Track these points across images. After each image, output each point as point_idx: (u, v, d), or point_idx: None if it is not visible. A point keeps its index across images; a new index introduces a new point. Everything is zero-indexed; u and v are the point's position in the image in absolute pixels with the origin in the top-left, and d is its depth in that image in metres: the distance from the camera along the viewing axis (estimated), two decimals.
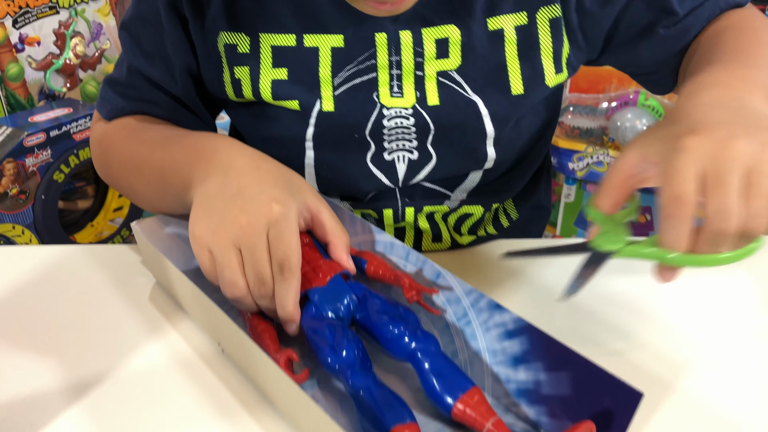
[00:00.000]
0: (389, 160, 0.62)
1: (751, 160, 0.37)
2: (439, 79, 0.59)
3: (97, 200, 1.74)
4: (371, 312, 0.48)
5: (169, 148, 0.58)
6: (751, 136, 0.38)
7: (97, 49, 1.75)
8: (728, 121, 0.40)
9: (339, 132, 0.61)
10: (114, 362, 0.51)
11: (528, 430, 0.45)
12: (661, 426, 0.45)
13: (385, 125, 0.60)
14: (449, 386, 0.44)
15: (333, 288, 0.50)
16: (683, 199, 0.38)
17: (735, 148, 0.38)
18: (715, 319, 0.55)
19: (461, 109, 0.60)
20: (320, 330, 0.47)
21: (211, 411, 0.46)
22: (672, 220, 0.38)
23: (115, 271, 0.62)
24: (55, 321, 0.55)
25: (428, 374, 0.45)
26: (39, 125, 1.46)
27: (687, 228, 0.38)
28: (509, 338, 0.46)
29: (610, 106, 1.60)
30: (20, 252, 0.67)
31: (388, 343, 0.47)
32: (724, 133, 0.38)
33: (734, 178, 0.37)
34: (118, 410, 0.46)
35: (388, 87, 0.59)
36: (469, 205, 0.68)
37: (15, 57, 1.57)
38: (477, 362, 0.48)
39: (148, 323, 0.55)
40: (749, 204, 0.37)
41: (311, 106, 0.60)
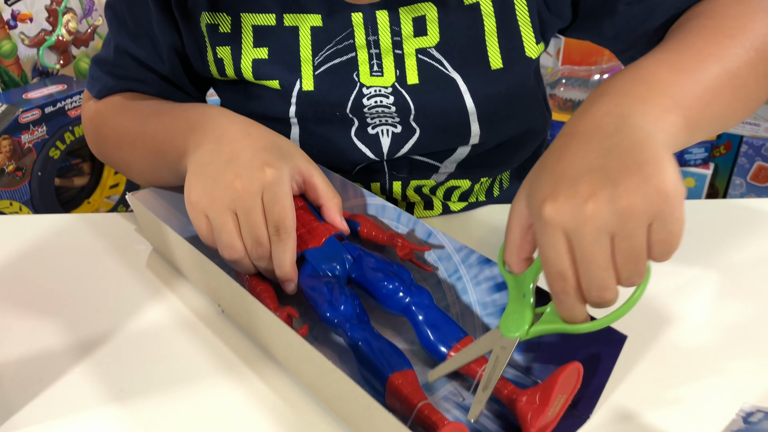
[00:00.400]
0: (373, 134, 0.63)
1: (612, 224, 0.36)
2: (418, 56, 0.59)
3: (93, 177, 1.75)
4: (366, 270, 0.50)
5: (161, 120, 0.60)
6: (615, 185, 0.36)
7: (89, 26, 1.74)
8: (594, 167, 0.38)
9: (320, 110, 0.62)
10: (117, 323, 0.52)
11: (518, 376, 0.47)
12: (646, 368, 0.47)
13: (365, 104, 0.61)
14: (443, 336, 0.46)
15: (329, 248, 0.51)
16: (564, 276, 0.38)
17: (595, 217, 0.36)
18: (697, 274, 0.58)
19: (440, 87, 0.60)
20: (318, 287, 0.48)
21: (214, 366, 0.48)
22: (562, 297, 0.39)
23: (112, 238, 0.63)
24: (58, 285, 0.57)
25: (423, 326, 0.47)
26: (34, 102, 1.46)
27: (578, 302, 0.38)
28: (499, 291, 0.48)
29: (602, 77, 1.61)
30: (22, 221, 0.68)
31: (384, 298, 0.49)
32: (584, 190, 0.37)
33: (600, 251, 0.36)
34: (123, 367, 0.48)
35: (367, 66, 0.60)
36: (457, 179, 0.68)
37: (8, 34, 1.56)
38: (468, 315, 0.50)
39: (148, 287, 0.57)
40: (623, 267, 0.37)
41: (291, 85, 0.61)
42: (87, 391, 0.46)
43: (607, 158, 0.38)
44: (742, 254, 0.60)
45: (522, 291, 0.43)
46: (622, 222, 0.36)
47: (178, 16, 0.62)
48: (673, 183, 0.36)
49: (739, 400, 0.43)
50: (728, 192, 1.78)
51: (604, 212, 0.36)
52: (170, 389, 0.46)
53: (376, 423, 0.38)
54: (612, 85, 0.44)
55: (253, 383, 0.47)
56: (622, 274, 0.37)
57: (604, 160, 0.38)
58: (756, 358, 0.48)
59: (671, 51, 0.48)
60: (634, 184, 0.36)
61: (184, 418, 0.44)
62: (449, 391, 0.46)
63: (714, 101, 0.46)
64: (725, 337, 0.50)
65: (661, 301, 0.54)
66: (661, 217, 0.36)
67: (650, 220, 0.36)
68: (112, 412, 0.44)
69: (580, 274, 0.37)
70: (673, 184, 0.36)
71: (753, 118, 1.68)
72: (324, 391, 0.43)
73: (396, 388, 0.41)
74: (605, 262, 0.36)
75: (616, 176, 0.36)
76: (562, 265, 0.37)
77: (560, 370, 0.40)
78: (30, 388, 0.46)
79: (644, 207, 0.35)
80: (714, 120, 0.47)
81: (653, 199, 0.35)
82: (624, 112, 0.41)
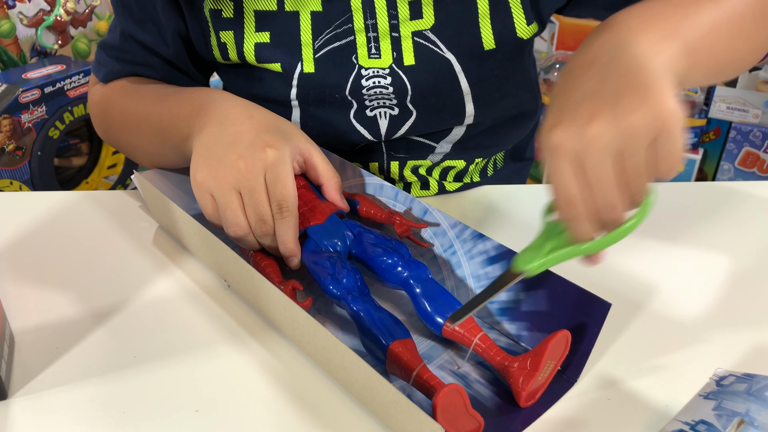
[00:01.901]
0: (371, 116, 0.65)
1: (616, 143, 0.37)
2: (414, 39, 0.62)
3: (92, 157, 1.76)
4: (366, 245, 0.53)
5: (166, 104, 0.62)
6: (614, 106, 0.37)
7: (87, 6, 1.74)
8: (592, 92, 0.39)
9: (321, 92, 0.64)
10: (127, 294, 0.55)
11: (510, 344, 0.50)
12: (631, 336, 0.50)
13: (363, 85, 0.63)
14: (439, 307, 0.49)
15: (330, 225, 0.54)
16: (574, 202, 0.39)
17: (598, 138, 0.37)
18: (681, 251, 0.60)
19: (436, 67, 0.62)
20: (321, 262, 0.51)
21: (221, 335, 0.51)
22: (573, 221, 0.40)
23: (117, 214, 0.66)
24: (69, 259, 0.59)
25: (420, 298, 0.49)
26: (33, 82, 1.47)
27: (588, 222, 0.39)
28: (491, 264, 0.51)
29: None
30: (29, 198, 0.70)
31: (383, 272, 0.51)
32: (585, 114, 0.38)
33: (606, 169, 0.37)
34: (134, 335, 0.51)
35: (366, 49, 0.62)
36: (452, 159, 0.71)
37: (6, 13, 1.57)
38: (462, 287, 0.53)
39: (155, 261, 0.59)
40: (629, 187, 0.38)
41: (293, 68, 0.63)
42: (101, 357, 0.49)
43: (605, 83, 0.39)
44: (727, 234, 0.63)
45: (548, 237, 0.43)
46: (626, 140, 0.37)
47: (182, 1, 0.64)
48: (668, 102, 0.37)
49: (714, 366, 0.46)
50: (717, 177, 1.81)
51: (607, 132, 0.37)
52: (180, 357, 0.49)
53: (376, 392, 0.41)
54: (608, 22, 0.45)
55: (257, 352, 0.49)
56: (628, 191, 0.38)
57: (602, 85, 0.39)
58: (732, 328, 0.51)
59: None
60: (632, 104, 0.37)
61: (193, 383, 0.47)
62: (445, 360, 0.48)
63: (712, 33, 0.47)
64: (705, 310, 0.53)
65: (646, 275, 0.57)
66: (661, 135, 0.37)
67: (651, 138, 0.37)
68: (125, 378, 0.47)
69: (589, 195, 0.38)
70: (669, 103, 0.37)
71: (742, 105, 1.70)
72: (328, 363, 0.46)
73: (396, 356, 0.44)
74: (612, 181, 0.38)
75: (615, 98, 0.37)
76: (571, 190, 0.38)
77: (549, 337, 0.43)
78: (47, 355, 0.49)
79: (645, 124, 0.36)
80: (715, 53, 0.48)
81: (652, 118, 0.37)
82: (619, 42, 0.42)
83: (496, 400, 0.45)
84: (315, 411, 0.44)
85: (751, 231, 0.63)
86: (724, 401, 0.40)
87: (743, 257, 0.60)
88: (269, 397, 0.45)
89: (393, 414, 0.40)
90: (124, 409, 0.44)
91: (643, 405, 0.45)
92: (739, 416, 0.38)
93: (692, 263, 0.59)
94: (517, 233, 0.63)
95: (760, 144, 1.72)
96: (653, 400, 0.45)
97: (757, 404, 0.39)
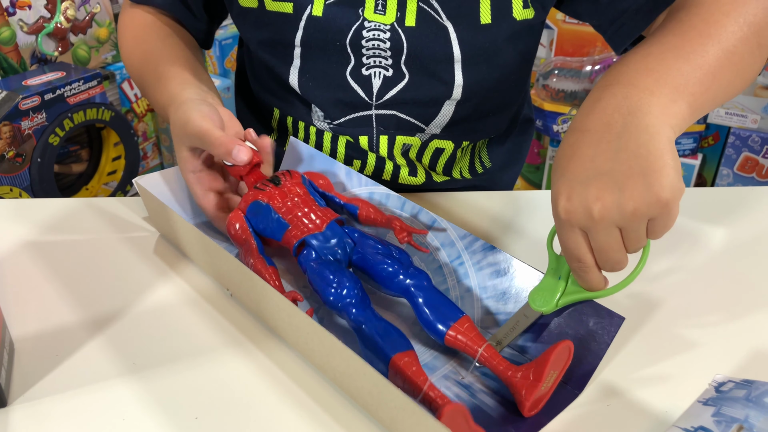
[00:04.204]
0: (366, 75, 0.68)
1: (619, 222, 0.42)
2: (419, 3, 0.65)
3: (92, 164, 1.77)
4: (367, 253, 0.53)
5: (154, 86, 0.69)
6: (620, 192, 0.42)
7: (87, 13, 1.75)
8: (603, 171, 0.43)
9: (324, 37, 0.67)
10: (127, 301, 0.55)
11: (515, 355, 0.50)
12: (630, 343, 0.50)
13: (364, 36, 0.66)
14: (441, 316, 0.48)
15: (329, 233, 0.54)
16: (584, 261, 0.45)
17: (604, 218, 0.42)
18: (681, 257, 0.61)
19: (433, 32, 0.65)
20: (321, 272, 0.51)
21: (219, 343, 0.51)
22: (584, 275, 0.46)
23: (117, 221, 0.66)
24: (68, 266, 0.59)
25: (422, 306, 0.49)
26: (33, 89, 1.48)
27: (597, 274, 0.46)
28: (499, 276, 0.51)
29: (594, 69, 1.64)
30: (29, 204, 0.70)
31: (384, 280, 0.51)
32: (593, 194, 0.43)
33: (611, 240, 0.43)
34: (133, 342, 0.51)
35: (373, 3, 0.65)
36: (440, 140, 0.74)
37: (6, 21, 1.57)
38: (468, 297, 0.53)
39: (155, 268, 0.59)
40: (631, 246, 0.44)
41: (303, 9, 0.66)
42: (101, 364, 0.49)
43: (615, 162, 0.43)
44: (725, 239, 0.63)
45: (559, 273, 0.48)
46: (627, 221, 0.42)
47: None
48: (671, 190, 0.41)
49: (713, 372, 0.46)
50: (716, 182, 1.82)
51: (612, 213, 0.42)
52: (179, 363, 0.49)
53: (382, 398, 0.40)
54: (621, 74, 0.48)
55: (257, 359, 0.49)
56: (631, 249, 0.45)
57: (612, 164, 0.43)
58: (731, 334, 0.52)
59: (675, 34, 0.51)
60: (637, 192, 0.41)
61: (192, 390, 0.47)
62: (449, 369, 0.48)
63: (715, 82, 0.50)
64: (703, 316, 0.54)
65: (645, 281, 0.57)
66: (660, 215, 0.42)
67: (651, 217, 0.42)
68: (124, 384, 0.47)
69: (597, 257, 0.45)
70: (672, 191, 0.41)
71: (741, 110, 1.71)
72: (333, 370, 0.45)
73: (399, 368, 0.44)
74: (617, 247, 0.44)
75: (623, 182, 0.42)
76: (579, 252, 0.44)
77: (552, 348, 0.43)
78: (47, 362, 0.49)
79: (645, 211, 0.42)
80: (715, 99, 0.52)
81: (653, 205, 0.41)
82: (632, 107, 0.45)
83: (500, 410, 0.45)
84: (318, 418, 0.44)
85: (750, 236, 0.64)
86: (723, 407, 0.40)
87: (742, 263, 0.60)
88: (270, 403, 0.46)
89: (399, 420, 0.40)
90: (123, 416, 0.44)
91: (642, 411, 0.45)
92: (738, 422, 0.38)
93: (691, 269, 0.59)
94: (523, 239, 0.63)
95: (758, 149, 1.72)
96: (652, 407, 0.45)
97: (756, 410, 0.39)
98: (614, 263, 0.44)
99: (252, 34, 0.71)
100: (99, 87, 1.63)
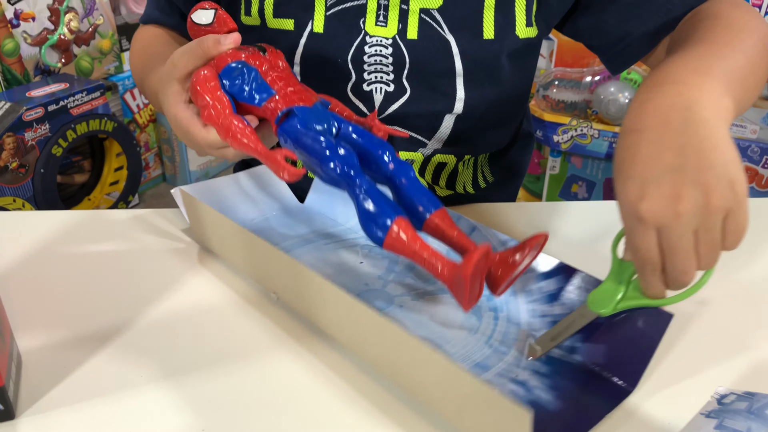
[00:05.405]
0: (367, 90, 0.69)
1: (697, 218, 0.42)
2: (420, 15, 0.65)
3: (94, 174, 1.77)
4: (353, 135, 0.51)
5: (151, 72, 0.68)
6: (695, 184, 0.41)
7: (90, 25, 1.76)
8: (673, 167, 0.42)
9: (324, 54, 0.67)
10: (133, 313, 0.55)
11: (564, 356, 0.49)
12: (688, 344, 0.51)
13: (366, 52, 0.66)
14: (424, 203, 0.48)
15: (317, 110, 0.52)
16: (652, 263, 0.44)
17: (682, 214, 0.41)
18: None
19: (435, 45, 0.66)
20: (314, 136, 0.49)
21: (227, 355, 0.51)
22: (648, 279, 0.45)
23: (123, 233, 0.66)
24: (75, 278, 0.60)
25: (404, 192, 0.49)
26: (37, 100, 1.49)
27: (661, 280, 0.45)
28: (545, 279, 0.51)
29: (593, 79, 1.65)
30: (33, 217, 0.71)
31: (370, 164, 0.50)
32: (669, 191, 0.42)
33: (687, 241, 0.42)
34: (140, 354, 0.51)
35: (374, 15, 0.66)
36: (442, 154, 0.74)
37: (10, 32, 1.58)
38: (513, 302, 0.53)
39: (161, 280, 0.59)
40: (702, 255, 0.43)
41: (304, 25, 0.66)
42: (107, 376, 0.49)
43: (683, 157, 0.43)
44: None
45: (620, 278, 0.48)
46: (705, 218, 0.41)
47: None
48: (740, 180, 0.42)
49: (716, 384, 0.46)
50: None
51: (690, 210, 0.41)
52: (186, 375, 0.49)
53: (450, 386, 0.39)
54: (667, 74, 0.48)
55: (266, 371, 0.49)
56: (702, 261, 0.43)
57: (681, 160, 0.43)
58: (733, 346, 0.52)
59: (704, 43, 0.53)
60: (711, 184, 0.41)
61: (199, 403, 0.47)
62: (502, 368, 0.48)
63: (745, 86, 0.51)
64: (705, 328, 0.54)
65: None
66: (733, 211, 0.42)
67: (725, 214, 0.42)
68: (131, 397, 0.47)
69: (666, 261, 0.43)
70: (741, 181, 0.42)
71: (740, 120, 1.72)
72: (393, 365, 0.44)
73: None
74: (689, 252, 0.42)
75: (696, 177, 0.42)
76: (651, 254, 0.43)
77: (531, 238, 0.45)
78: (55, 374, 0.49)
79: (721, 204, 0.41)
80: (746, 102, 0.53)
81: (727, 197, 0.41)
82: (687, 103, 0.45)
83: (557, 404, 0.45)
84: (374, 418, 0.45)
85: (750, 248, 0.64)
86: (726, 420, 0.40)
87: (743, 275, 0.60)
88: (323, 402, 0.46)
89: (470, 408, 0.39)
90: (130, 428, 0.45)
91: (645, 423, 0.45)
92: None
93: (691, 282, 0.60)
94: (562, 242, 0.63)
95: (758, 159, 1.73)
96: (655, 419, 0.45)
97: (759, 423, 0.39)
98: (682, 271, 0.43)
99: None
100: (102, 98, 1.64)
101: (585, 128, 1.61)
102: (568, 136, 1.65)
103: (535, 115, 1.69)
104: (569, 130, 1.66)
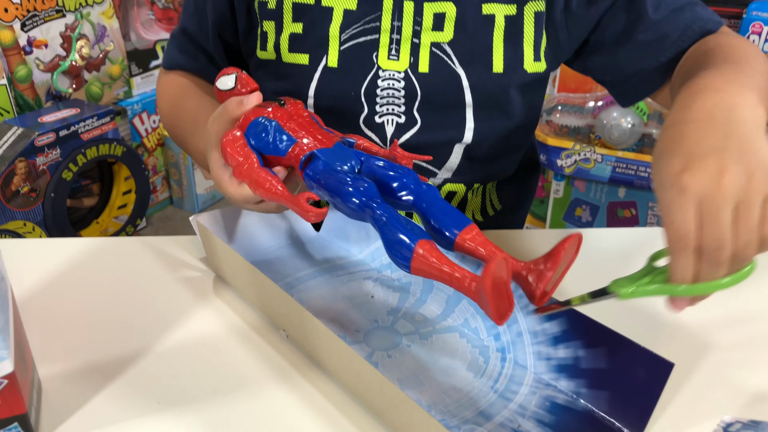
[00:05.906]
0: (379, 122, 0.71)
1: (739, 193, 0.42)
2: (432, 49, 0.67)
3: (102, 198, 1.79)
4: (375, 168, 0.53)
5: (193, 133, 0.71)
6: (739, 162, 0.42)
7: (101, 51, 1.79)
8: (718, 147, 0.43)
9: (338, 88, 0.69)
10: (151, 340, 0.56)
11: (568, 400, 0.50)
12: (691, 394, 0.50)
13: (379, 85, 0.68)
14: (451, 223, 0.48)
15: (338, 150, 0.54)
16: (687, 237, 0.42)
17: (726, 186, 0.41)
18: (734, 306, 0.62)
19: (446, 79, 0.67)
20: (336, 176, 0.50)
21: (241, 383, 0.52)
22: (679, 255, 0.43)
23: (139, 261, 0.68)
24: (93, 305, 0.61)
25: (429, 214, 0.49)
26: (48, 125, 1.51)
27: (693, 261, 0.43)
28: (549, 320, 0.51)
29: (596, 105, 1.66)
30: (47, 244, 0.72)
31: (393, 192, 0.51)
32: (714, 165, 0.42)
33: (726, 215, 0.41)
34: (158, 381, 0.52)
35: (387, 49, 0.68)
36: (452, 183, 0.76)
37: (23, 59, 1.61)
38: (519, 343, 0.53)
39: (177, 307, 0.61)
40: (740, 234, 0.42)
41: (318, 60, 0.68)
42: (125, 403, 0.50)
43: (728, 140, 0.44)
44: None
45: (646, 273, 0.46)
46: (746, 194, 0.42)
47: None
48: None
49: (721, 413, 0.47)
50: None
51: (734, 183, 0.42)
52: (203, 402, 0.50)
53: None
54: (706, 83, 0.50)
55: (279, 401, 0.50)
56: (738, 240, 0.42)
57: (726, 142, 0.44)
58: (738, 374, 0.53)
59: (729, 63, 0.55)
60: (755, 164, 0.42)
61: (215, 429, 0.48)
62: (506, 417, 0.48)
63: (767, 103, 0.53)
64: (711, 356, 0.55)
65: (651, 322, 0.58)
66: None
67: (765, 197, 0.42)
68: (149, 423, 0.48)
69: (703, 235, 0.42)
70: None
71: None
72: (394, 422, 0.45)
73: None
74: (727, 225, 0.42)
75: (740, 156, 0.43)
76: (687, 226, 0.42)
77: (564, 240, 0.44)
78: (74, 401, 0.50)
79: (762, 187, 0.42)
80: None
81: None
82: (730, 105, 0.47)
83: None
84: None
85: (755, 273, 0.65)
86: None
87: (748, 301, 0.61)
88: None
89: None
90: None
91: None
92: None
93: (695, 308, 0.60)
94: None
95: None
96: None
97: None
98: (718, 245, 0.42)
99: (268, 85, 0.73)
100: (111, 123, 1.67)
101: (588, 153, 1.63)
102: (572, 160, 1.66)
103: (539, 140, 1.71)
104: (572, 155, 1.67)
